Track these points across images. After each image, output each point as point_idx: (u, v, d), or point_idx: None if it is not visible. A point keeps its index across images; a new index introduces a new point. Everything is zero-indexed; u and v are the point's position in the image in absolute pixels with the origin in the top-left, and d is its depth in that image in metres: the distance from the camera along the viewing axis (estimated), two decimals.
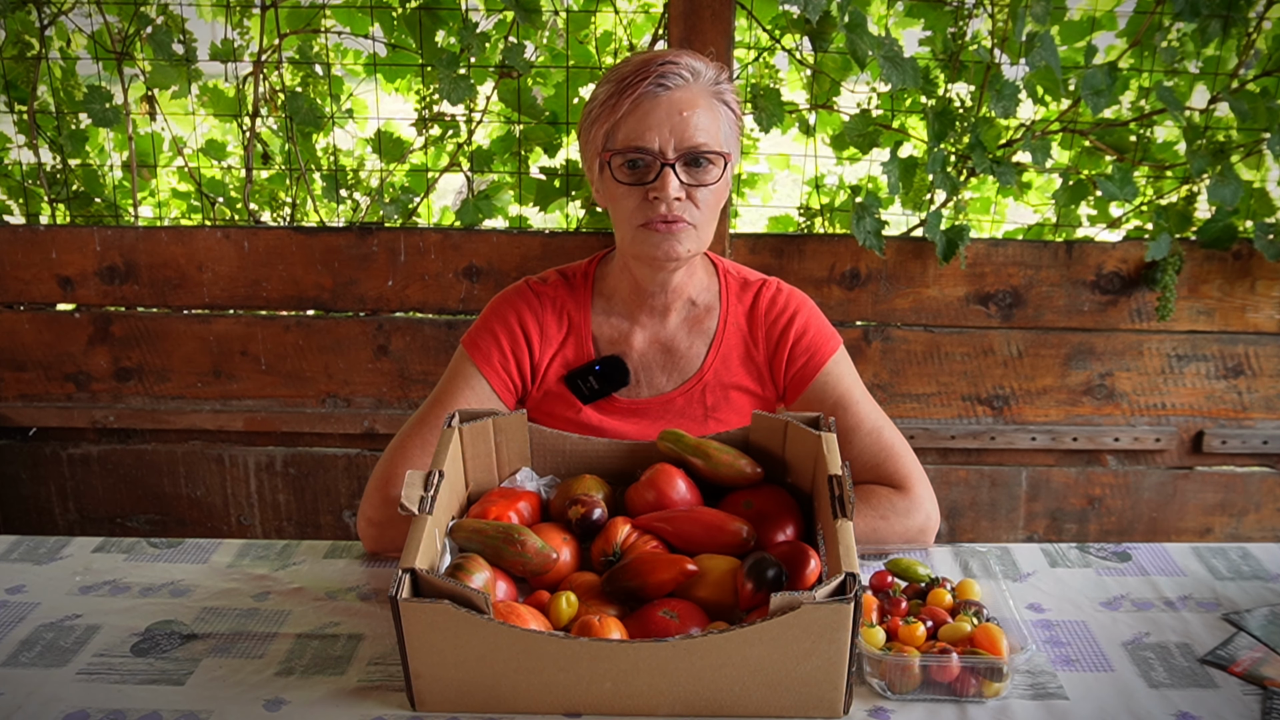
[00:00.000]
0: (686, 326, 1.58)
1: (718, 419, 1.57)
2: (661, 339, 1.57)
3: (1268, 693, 1.21)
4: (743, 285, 1.60)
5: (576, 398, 1.56)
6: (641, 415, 1.56)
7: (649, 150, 1.38)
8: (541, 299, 1.57)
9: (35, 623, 1.34)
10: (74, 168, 2.47)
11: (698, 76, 1.40)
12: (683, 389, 1.56)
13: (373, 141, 2.43)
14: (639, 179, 1.40)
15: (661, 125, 1.38)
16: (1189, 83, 2.34)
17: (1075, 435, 2.45)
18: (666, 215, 1.39)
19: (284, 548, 1.54)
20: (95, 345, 2.47)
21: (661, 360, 1.57)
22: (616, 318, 1.57)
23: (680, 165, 1.39)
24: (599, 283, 1.59)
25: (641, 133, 1.38)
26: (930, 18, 2.25)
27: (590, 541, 1.35)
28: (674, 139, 1.38)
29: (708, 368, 1.56)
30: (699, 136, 1.38)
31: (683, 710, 1.14)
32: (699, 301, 1.58)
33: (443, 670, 1.14)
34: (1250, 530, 2.53)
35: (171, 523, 2.58)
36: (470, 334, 1.59)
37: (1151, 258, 2.26)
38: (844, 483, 1.24)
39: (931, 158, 2.21)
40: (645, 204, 1.40)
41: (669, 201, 1.39)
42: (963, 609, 1.28)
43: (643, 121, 1.38)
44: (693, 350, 1.57)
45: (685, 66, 1.39)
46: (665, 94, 1.38)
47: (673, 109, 1.38)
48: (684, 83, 1.39)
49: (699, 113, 1.39)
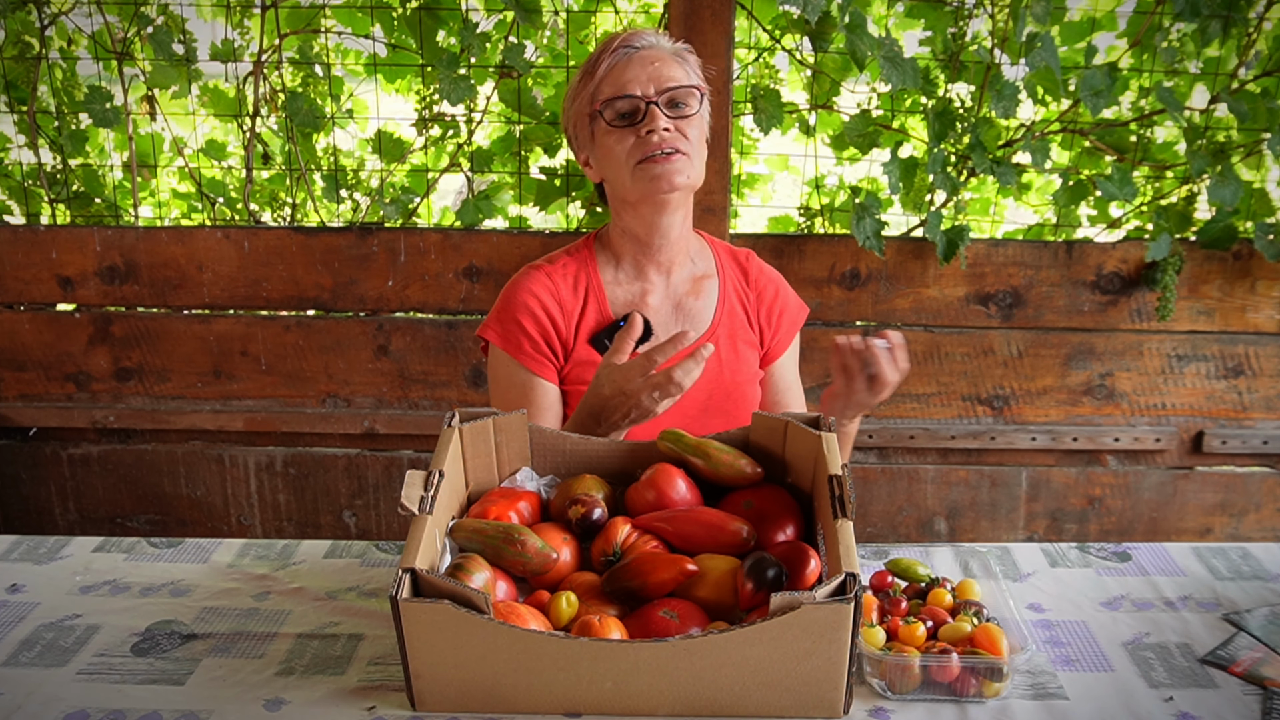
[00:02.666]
0: (691, 285, 1.68)
1: (733, 370, 1.67)
2: (672, 298, 1.67)
3: (1268, 693, 1.21)
4: (730, 253, 1.75)
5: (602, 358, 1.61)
6: None
7: (634, 95, 1.53)
8: (552, 277, 1.65)
9: (35, 623, 1.34)
10: (74, 168, 2.47)
11: (659, 42, 1.58)
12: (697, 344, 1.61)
13: (373, 142, 2.43)
14: (629, 122, 1.54)
15: (639, 75, 1.53)
16: (1189, 83, 2.34)
17: (1075, 435, 2.45)
18: (662, 145, 1.52)
19: (284, 548, 1.54)
20: (95, 345, 2.47)
21: (675, 317, 1.67)
22: (627, 280, 1.66)
23: (663, 103, 1.53)
24: (602, 253, 1.68)
25: (623, 85, 1.53)
26: (930, 18, 2.25)
27: (590, 541, 1.35)
28: (653, 84, 1.53)
29: (718, 323, 1.67)
30: (673, 79, 1.54)
31: (683, 710, 1.14)
32: (698, 262, 1.70)
33: (443, 670, 1.14)
34: (1250, 530, 2.53)
35: (172, 523, 2.58)
36: (493, 328, 1.64)
37: (1151, 258, 2.26)
38: (844, 483, 1.24)
39: (931, 158, 2.21)
40: (639, 142, 1.53)
41: (660, 132, 1.51)
42: (963, 609, 1.28)
43: (622, 75, 1.54)
44: (701, 305, 1.67)
45: (650, 34, 1.58)
46: (636, 53, 1.55)
47: (646, 61, 1.54)
48: (650, 44, 1.57)
49: (669, 63, 1.56)
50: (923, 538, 2.55)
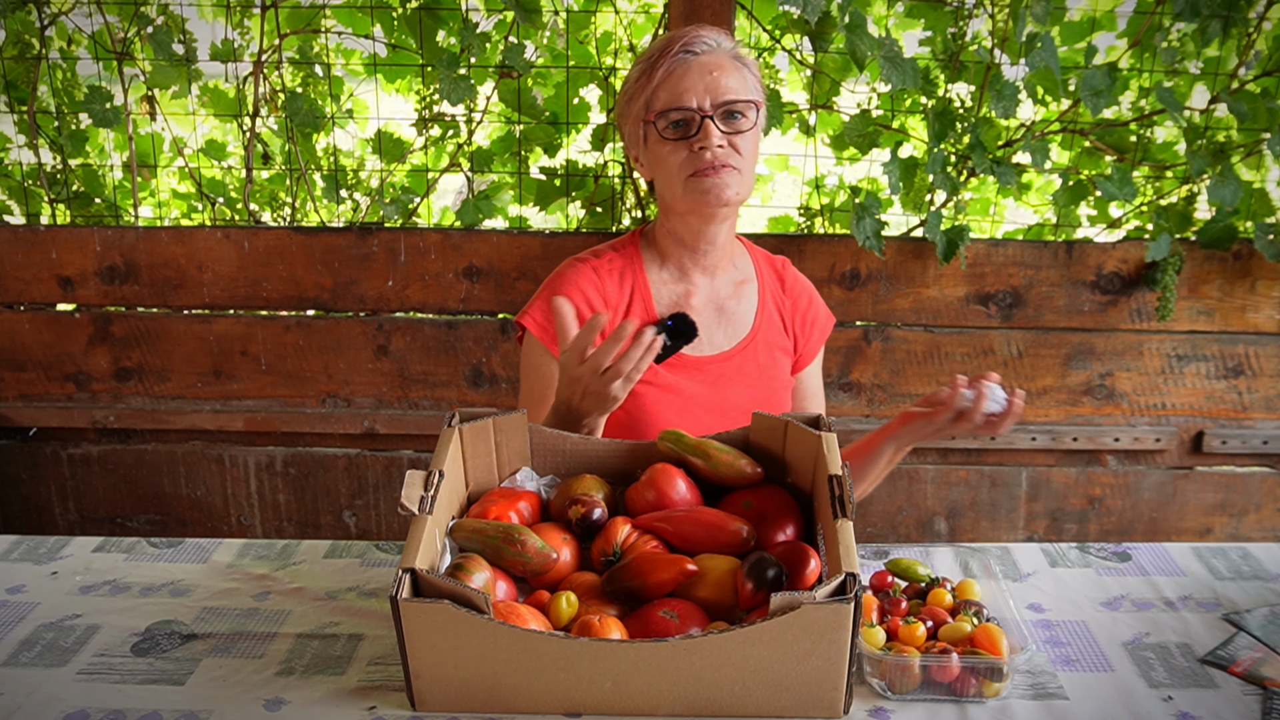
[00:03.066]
0: (733, 288, 1.68)
1: (770, 376, 1.67)
2: (715, 299, 1.67)
3: (1268, 693, 1.21)
4: (768, 259, 1.75)
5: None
6: (707, 372, 1.64)
7: (688, 107, 1.50)
8: (598, 271, 1.64)
9: (35, 623, 1.34)
10: (74, 168, 2.47)
11: (720, 45, 1.55)
12: (739, 348, 1.66)
13: (373, 142, 2.43)
14: (683, 134, 1.51)
15: (696, 85, 1.51)
16: (1189, 83, 2.34)
17: (1075, 435, 2.45)
18: (714, 161, 1.50)
19: (284, 548, 1.54)
20: (95, 345, 2.47)
21: (717, 319, 1.67)
22: (672, 279, 1.66)
23: (718, 117, 1.51)
24: (648, 250, 1.68)
25: (679, 94, 1.51)
26: (930, 18, 2.25)
27: (590, 541, 1.35)
28: (709, 95, 1.50)
29: (758, 328, 1.68)
30: (730, 91, 1.51)
31: (683, 710, 1.14)
32: (739, 265, 1.70)
33: (443, 670, 1.14)
34: (1250, 530, 2.53)
35: (171, 523, 2.58)
36: (535, 318, 1.63)
37: (1151, 258, 2.26)
38: (844, 483, 1.24)
39: (931, 158, 2.21)
40: (692, 156, 1.51)
41: (713, 149, 1.50)
42: (963, 609, 1.28)
43: (678, 85, 1.51)
44: (741, 310, 1.68)
45: (708, 37, 1.54)
46: (694, 59, 1.52)
47: (703, 70, 1.51)
48: (709, 49, 1.53)
49: (727, 72, 1.52)
50: (923, 538, 2.55)
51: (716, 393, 1.63)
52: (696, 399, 1.62)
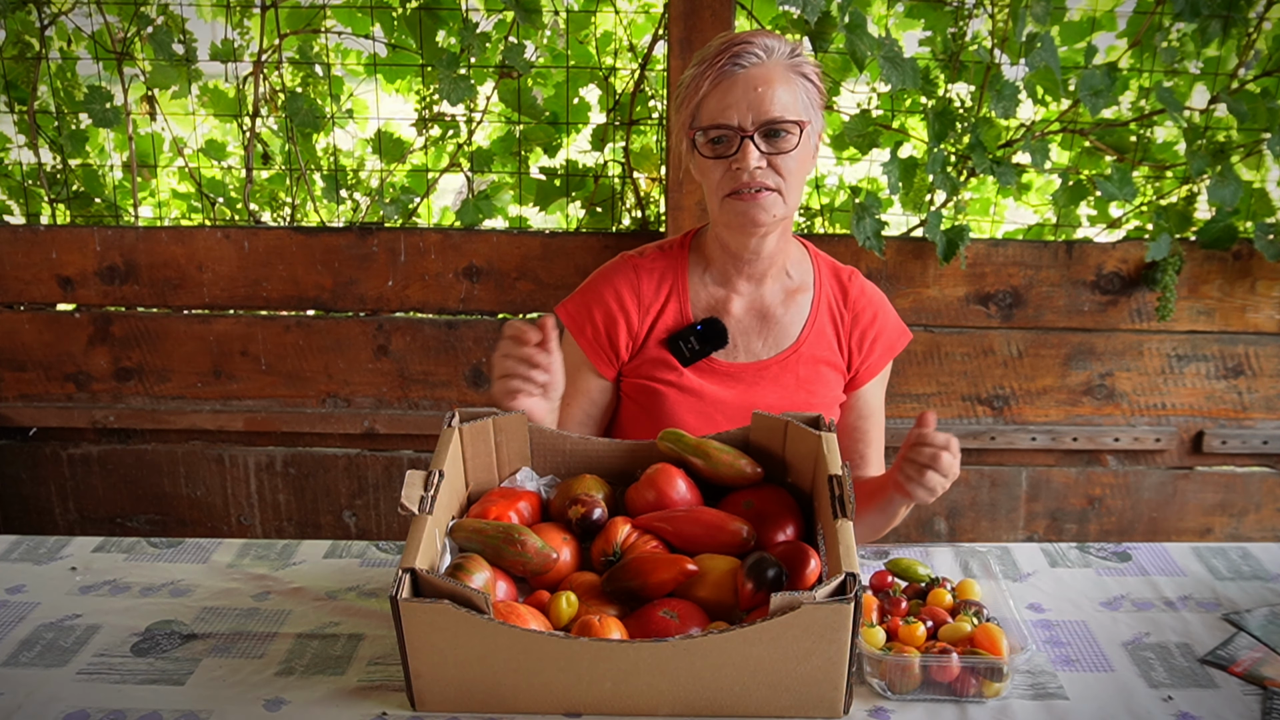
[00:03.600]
0: (782, 296, 1.63)
1: (809, 390, 1.62)
2: (758, 306, 1.62)
3: (1268, 693, 1.21)
4: (834, 269, 1.69)
5: (677, 360, 1.60)
6: (738, 380, 1.60)
7: (729, 125, 1.45)
8: (639, 271, 1.62)
9: (35, 623, 1.34)
10: (74, 168, 2.47)
11: (771, 53, 1.47)
12: (779, 358, 1.61)
13: (373, 142, 2.43)
14: (722, 153, 1.47)
15: (739, 101, 1.45)
16: (1189, 83, 2.34)
17: (1075, 435, 2.45)
18: (750, 184, 1.46)
19: (284, 548, 1.54)
20: (95, 345, 2.47)
21: (758, 327, 1.62)
22: (714, 285, 1.62)
23: (759, 136, 1.45)
24: (695, 253, 1.65)
25: (722, 110, 1.45)
26: (930, 18, 2.25)
27: (590, 541, 1.35)
28: (751, 113, 1.45)
29: (804, 340, 1.62)
30: (775, 109, 1.45)
31: (683, 710, 1.14)
32: (794, 275, 1.64)
33: (443, 670, 1.14)
34: (1250, 530, 2.53)
35: (171, 523, 2.58)
36: (570, 308, 1.65)
37: (1151, 258, 2.26)
38: (844, 483, 1.24)
39: (931, 158, 2.21)
40: (729, 175, 1.47)
41: (750, 171, 1.45)
42: (963, 609, 1.28)
43: (723, 99, 1.45)
44: (789, 319, 1.62)
45: (760, 45, 1.47)
46: (742, 72, 1.45)
47: (749, 85, 1.45)
48: (759, 60, 1.46)
49: (774, 87, 1.46)
50: (923, 538, 2.55)
51: (746, 400, 1.58)
52: (721, 404, 1.59)
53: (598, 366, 1.61)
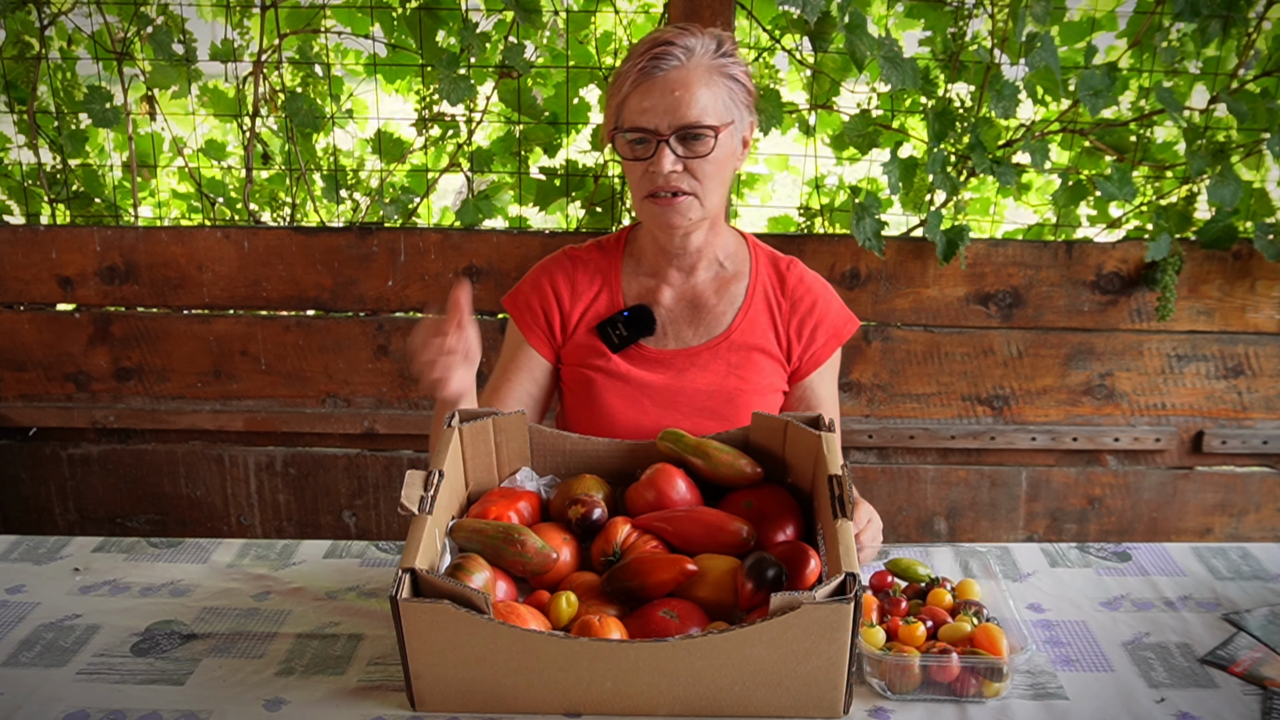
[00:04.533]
0: (715, 285, 1.66)
1: (740, 376, 1.63)
2: (689, 295, 1.66)
3: (1268, 693, 1.21)
4: (772, 259, 1.70)
5: (607, 346, 1.64)
6: (667, 366, 1.63)
7: (646, 129, 1.47)
8: (575, 262, 1.69)
9: (35, 623, 1.35)
10: (74, 168, 2.46)
11: (693, 54, 1.47)
12: (709, 344, 1.64)
13: (373, 142, 2.43)
14: (640, 155, 1.49)
15: (657, 105, 1.46)
16: (1189, 83, 2.34)
17: (1075, 435, 2.45)
18: (666, 188, 1.49)
19: (284, 548, 1.54)
20: (95, 345, 2.47)
21: (689, 315, 1.65)
22: (645, 275, 1.67)
23: (676, 140, 1.46)
24: (630, 245, 1.70)
25: (640, 112, 1.47)
26: (930, 18, 2.25)
27: (590, 541, 1.35)
28: (668, 117, 1.45)
29: (735, 328, 1.64)
30: (691, 114, 1.45)
31: (683, 710, 1.14)
32: (727, 264, 1.67)
33: (443, 670, 1.14)
34: (1250, 530, 2.53)
35: (171, 523, 2.58)
36: (510, 295, 1.72)
37: (1151, 258, 2.26)
38: (844, 483, 1.24)
39: (931, 158, 2.21)
40: (647, 176, 1.49)
41: (665, 175, 1.47)
42: (963, 609, 1.28)
43: (641, 102, 1.47)
44: (720, 309, 1.65)
45: (681, 47, 1.46)
46: (661, 75, 1.46)
47: (668, 89, 1.45)
48: (679, 63, 1.46)
49: (693, 90, 1.46)
50: (923, 538, 2.55)
51: (675, 385, 1.62)
52: (649, 389, 1.62)
53: (536, 346, 1.67)
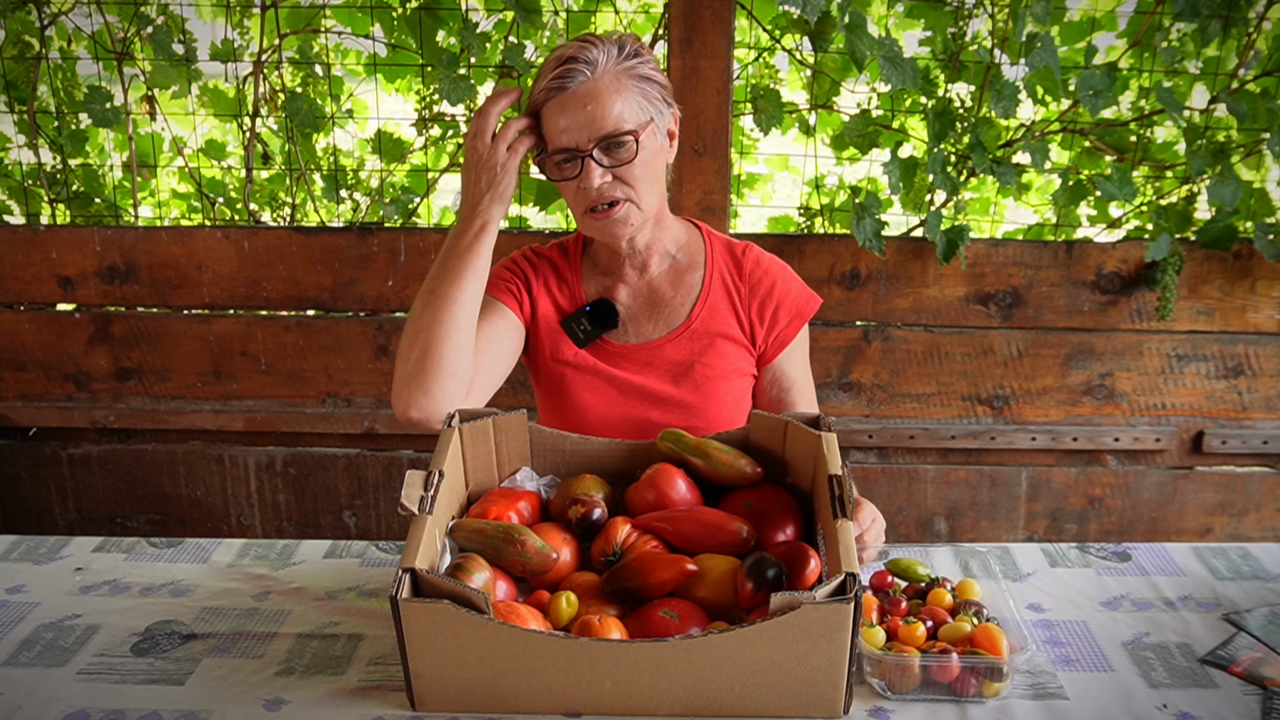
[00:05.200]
0: (670, 277, 1.67)
1: (705, 364, 1.64)
2: (645, 291, 1.67)
3: (1268, 693, 1.21)
4: (727, 245, 1.71)
5: (572, 341, 1.66)
6: (632, 359, 1.65)
7: (568, 148, 1.47)
8: (540, 257, 1.72)
9: (35, 623, 1.34)
10: (74, 168, 2.47)
11: (597, 66, 1.46)
12: (670, 336, 1.65)
13: (373, 142, 2.43)
14: (569, 174, 1.49)
15: (571, 123, 1.46)
16: (1189, 83, 2.34)
17: (1075, 435, 2.45)
18: (600, 200, 1.49)
19: (284, 548, 1.54)
20: (95, 345, 2.47)
21: (648, 310, 1.67)
22: (601, 275, 1.69)
23: (599, 151, 1.46)
24: (588, 246, 1.72)
25: (559, 133, 1.47)
26: (930, 18, 2.25)
27: (590, 541, 1.35)
28: (586, 131, 1.45)
29: (695, 317, 1.65)
30: (608, 123, 1.45)
31: (683, 710, 1.14)
32: (680, 255, 1.68)
33: (443, 670, 1.14)
34: (1250, 530, 2.53)
35: (171, 523, 2.58)
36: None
37: (1151, 258, 2.26)
38: (844, 483, 1.24)
39: (931, 158, 2.21)
40: (580, 193, 1.50)
41: (593, 189, 1.48)
42: (963, 609, 1.28)
43: (555, 124, 1.47)
44: (678, 300, 1.66)
45: (584, 60, 1.46)
46: (570, 91, 1.46)
47: (579, 104, 1.45)
48: (586, 77, 1.46)
49: (605, 100, 1.46)
50: (923, 538, 2.55)
51: (641, 378, 1.64)
52: (616, 381, 1.64)
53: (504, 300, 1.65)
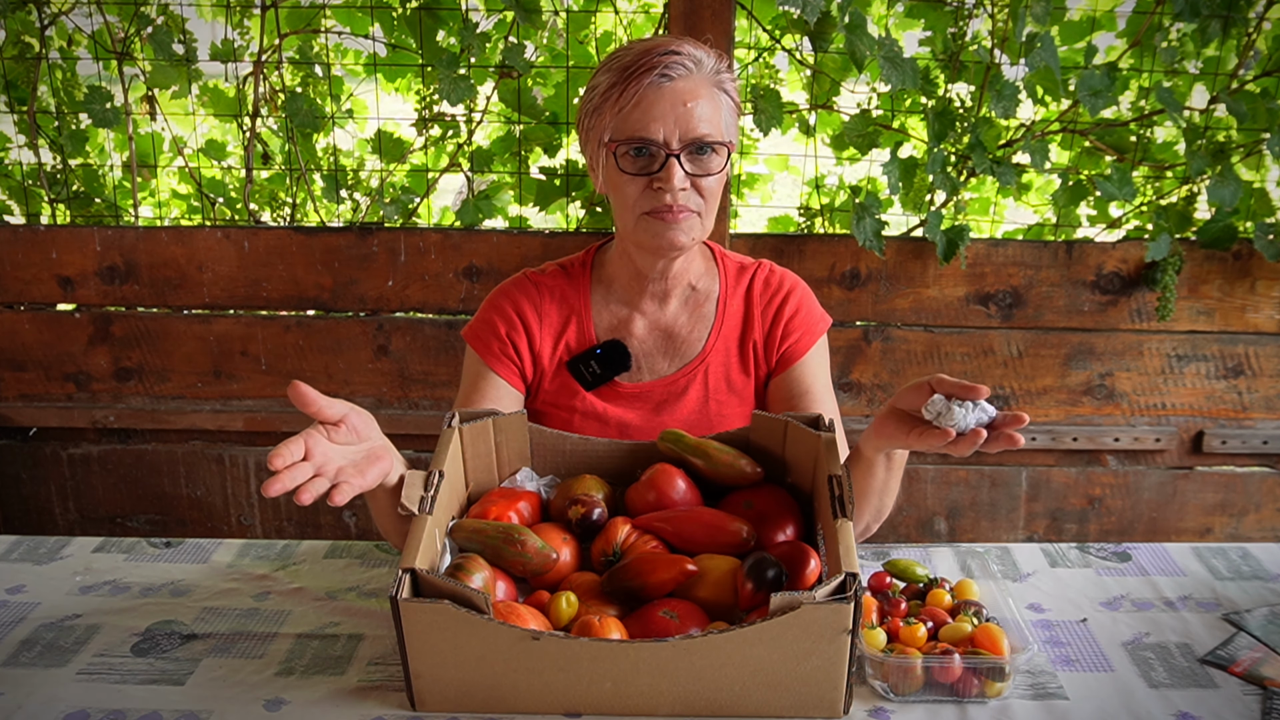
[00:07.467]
0: (687, 311, 1.59)
1: (719, 401, 1.58)
2: (662, 324, 1.58)
3: (1268, 693, 1.21)
4: (739, 269, 1.62)
5: (579, 383, 1.57)
6: (644, 400, 1.57)
7: (654, 141, 1.38)
8: (540, 288, 1.59)
9: (35, 623, 1.34)
10: (74, 168, 2.47)
11: (700, 66, 1.40)
12: (684, 371, 1.57)
13: (373, 142, 2.43)
14: (644, 168, 1.40)
15: (666, 116, 1.37)
16: (1189, 83, 2.34)
17: (1075, 435, 2.45)
18: (672, 205, 1.40)
19: (284, 548, 1.54)
20: (95, 345, 2.47)
21: (663, 345, 1.58)
22: (616, 304, 1.58)
23: (685, 155, 1.39)
24: (597, 270, 1.60)
25: (646, 124, 1.38)
26: (930, 18, 2.25)
27: (590, 541, 1.35)
28: (679, 130, 1.37)
29: (709, 350, 1.58)
30: (703, 127, 1.38)
31: (683, 710, 1.14)
32: (699, 286, 1.59)
33: (443, 670, 1.14)
34: (1250, 530, 2.53)
35: (171, 523, 2.58)
36: (471, 326, 1.60)
37: (1151, 258, 2.26)
38: (844, 483, 1.24)
39: (931, 158, 2.21)
40: (650, 193, 1.40)
41: (674, 192, 1.39)
42: (962, 609, 1.28)
43: (648, 113, 1.37)
44: (693, 334, 1.58)
45: (688, 56, 1.39)
46: (669, 84, 1.37)
47: (676, 100, 1.37)
48: (687, 73, 1.38)
49: (702, 103, 1.39)
50: (923, 538, 2.55)
51: (652, 422, 1.55)
52: (626, 427, 1.56)
53: (501, 372, 1.55)
